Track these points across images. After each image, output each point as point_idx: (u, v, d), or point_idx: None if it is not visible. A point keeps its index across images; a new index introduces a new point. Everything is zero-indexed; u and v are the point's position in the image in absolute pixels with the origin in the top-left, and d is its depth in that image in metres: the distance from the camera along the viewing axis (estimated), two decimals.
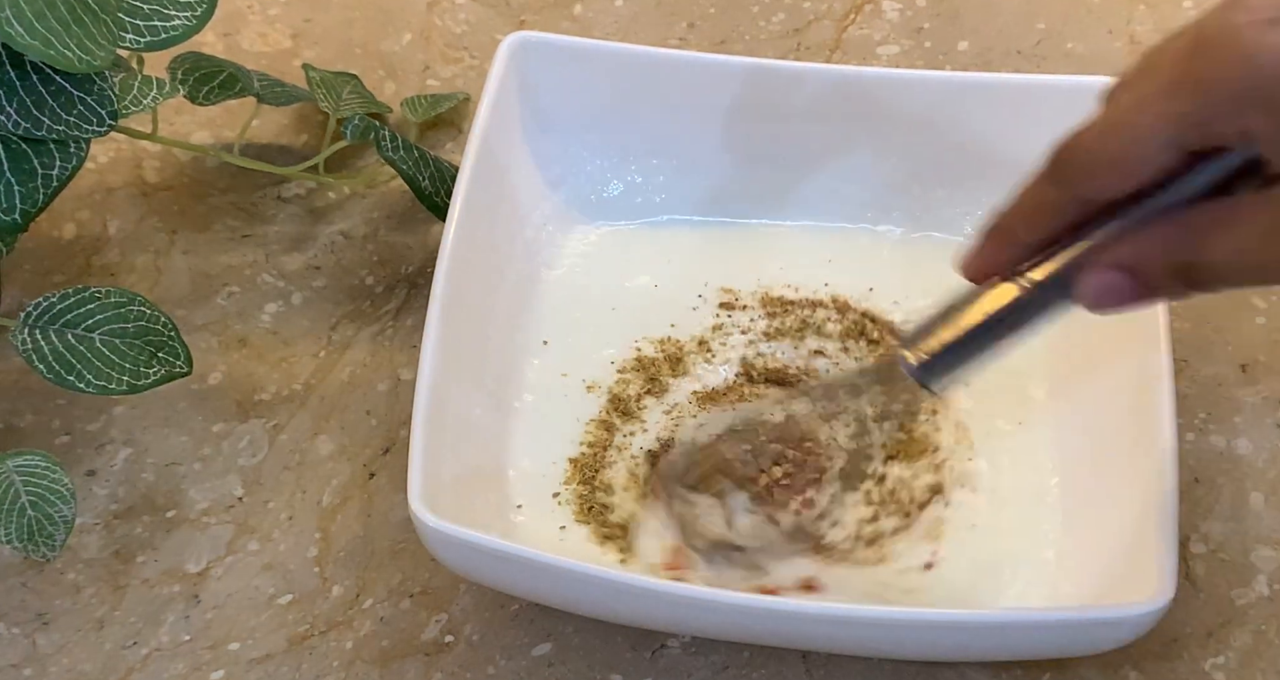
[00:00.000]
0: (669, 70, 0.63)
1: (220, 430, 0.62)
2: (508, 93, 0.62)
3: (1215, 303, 0.64)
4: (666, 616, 0.53)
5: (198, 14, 0.59)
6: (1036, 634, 0.50)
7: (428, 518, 0.50)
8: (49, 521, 0.56)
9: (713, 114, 0.64)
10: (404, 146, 0.65)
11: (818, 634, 0.52)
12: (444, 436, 0.54)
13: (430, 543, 0.52)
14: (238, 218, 0.69)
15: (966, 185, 0.63)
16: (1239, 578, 0.57)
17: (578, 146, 0.64)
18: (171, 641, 0.57)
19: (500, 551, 0.50)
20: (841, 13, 0.75)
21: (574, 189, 0.65)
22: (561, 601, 0.54)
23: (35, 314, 0.58)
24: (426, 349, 0.55)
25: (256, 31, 0.75)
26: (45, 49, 0.52)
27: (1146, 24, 0.73)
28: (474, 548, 0.51)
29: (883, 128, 0.63)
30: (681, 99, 0.63)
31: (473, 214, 0.59)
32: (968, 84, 0.63)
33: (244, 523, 0.60)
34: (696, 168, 0.65)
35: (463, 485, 0.55)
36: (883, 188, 0.64)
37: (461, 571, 0.54)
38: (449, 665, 0.56)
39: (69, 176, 0.57)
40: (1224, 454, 0.60)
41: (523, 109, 0.63)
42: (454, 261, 0.57)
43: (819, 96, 0.63)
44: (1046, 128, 0.60)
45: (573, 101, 0.63)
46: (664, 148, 0.65)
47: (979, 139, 0.63)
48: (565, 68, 0.63)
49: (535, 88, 0.63)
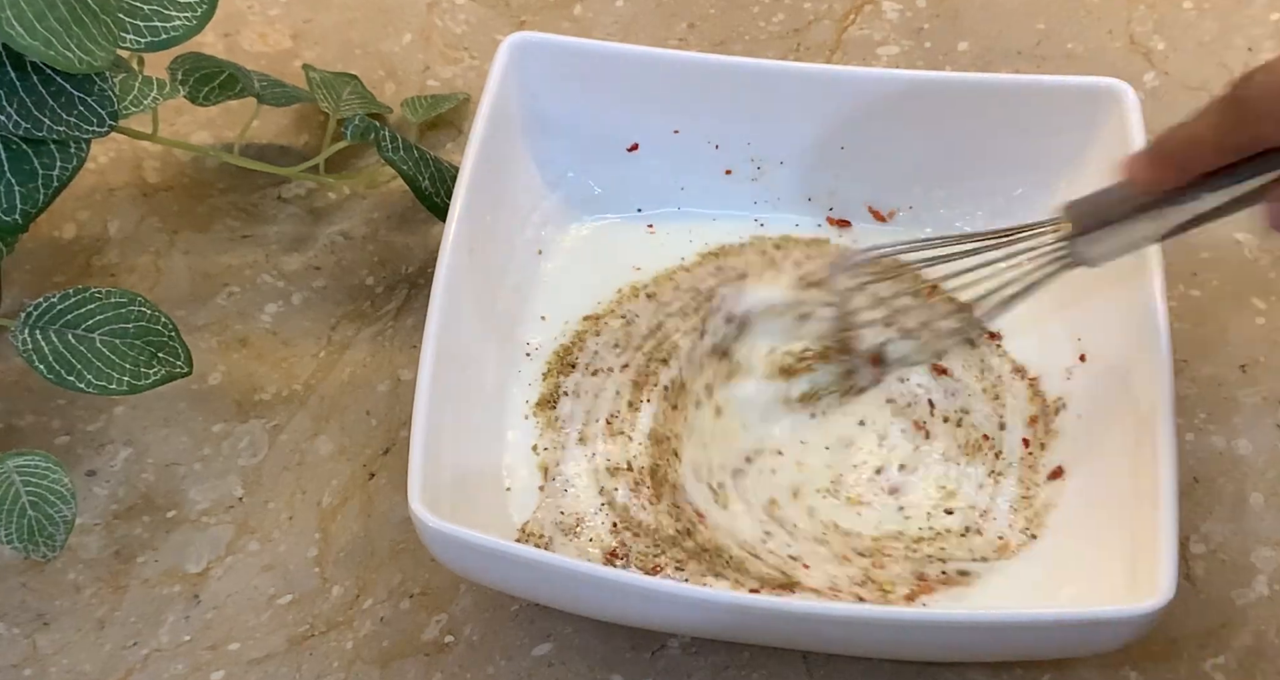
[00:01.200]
0: (666, 70, 0.63)
1: (220, 430, 0.62)
2: (507, 93, 0.62)
3: (1215, 303, 0.64)
4: (667, 616, 0.53)
5: (198, 14, 0.59)
6: (1036, 634, 0.50)
7: (428, 518, 0.50)
8: (49, 521, 0.56)
9: (710, 112, 0.64)
10: (404, 147, 0.65)
11: (817, 634, 0.52)
12: (444, 437, 0.54)
13: (430, 543, 0.52)
14: (238, 218, 0.69)
15: (966, 185, 0.64)
16: (1239, 578, 0.57)
17: (577, 145, 0.65)
18: (171, 642, 0.57)
19: (500, 552, 0.50)
20: (841, 13, 0.75)
21: (573, 187, 0.65)
22: (562, 602, 0.54)
23: (35, 314, 0.58)
24: (426, 350, 0.55)
25: (256, 32, 0.75)
26: (45, 50, 0.52)
27: (1146, 24, 0.73)
28: (474, 548, 0.51)
29: (881, 127, 0.63)
30: (678, 97, 0.63)
31: (473, 215, 0.59)
32: (963, 85, 0.63)
33: (244, 523, 0.60)
34: (695, 164, 0.65)
35: (462, 485, 0.55)
36: (883, 186, 0.65)
37: (461, 571, 0.54)
38: (449, 665, 0.56)
39: (69, 177, 0.57)
40: (1224, 454, 0.60)
41: (522, 109, 0.63)
42: (454, 262, 0.57)
43: (815, 96, 0.63)
44: (1043, 127, 0.62)
45: (572, 101, 0.64)
46: (663, 145, 0.65)
47: (974, 138, 0.63)
48: (564, 68, 0.63)
49: (534, 88, 0.63)
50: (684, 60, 0.64)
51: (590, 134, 0.64)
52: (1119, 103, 0.59)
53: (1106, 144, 0.59)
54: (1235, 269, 0.65)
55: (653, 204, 0.66)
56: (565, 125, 0.64)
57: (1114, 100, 0.60)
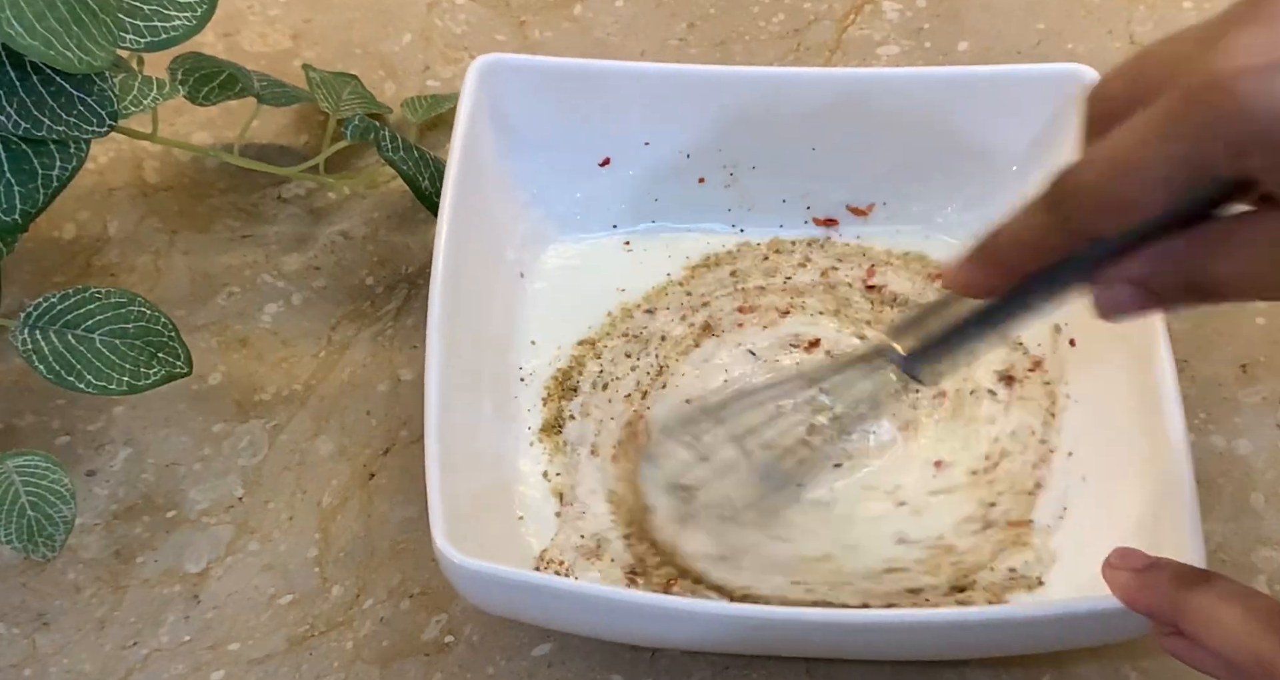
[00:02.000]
0: (632, 82, 0.63)
1: (220, 430, 0.62)
2: (479, 116, 0.61)
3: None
4: (720, 638, 0.52)
5: (198, 14, 0.59)
6: (1057, 625, 0.50)
7: (453, 555, 0.49)
8: (49, 521, 0.56)
9: (679, 121, 0.64)
10: (404, 147, 0.65)
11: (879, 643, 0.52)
12: (457, 471, 0.53)
13: (458, 580, 0.50)
14: (238, 218, 0.69)
15: (939, 177, 0.64)
16: (1239, 578, 0.57)
17: (550, 164, 0.64)
18: (171, 641, 0.57)
19: (542, 586, 0.50)
20: (841, 13, 0.75)
21: (549, 206, 0.65)
22: (604, 632, 0.54)
23: (35, 314, 0.58)
24: (430, 388, 0.54)
25: (256, 31, 0.75)
26: (45, 50, 0.52)
27: (1146, 24, 0.73)
28: (509, 584, 0.50)
29: (849, 126, 0.63)
30: (646, 109, 0.64)
31: (458, 242, 0.58)
32: (928, 79, 0.63)
33: (244, 523, 0.60)
34: (668, 175, 0.65)
35: (477, 517, 0.54)
36: (857, 184, 0.65)
37: (489, 607, 0.53)
38: (449, 665, 0.56)
39: (69, 177, 0.57)
40: (1224, 454, 0.60)
41: (495, 131, 0.63)
42: (445, 297, 0.56)
43: (782, 99, 0.63)
44: (1010, 115, 0.62)
45: (542, 120, 0.64)
46: (635, 158, 0.65)
47: (943, 131, 0.63)
48: (532, 87, 0.63)
49: (504, 109, 0.63)
50: (648, 71, 0.64)
51: (563, 152, 0.64)
52: (1084, 86, 0.60)
53: (1075, 127, 0.60)
54: None
55: (628, 220, 0.66)
56: (538, 144, 0.64)
57: (1078, 84, 0.60)
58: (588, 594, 0.50)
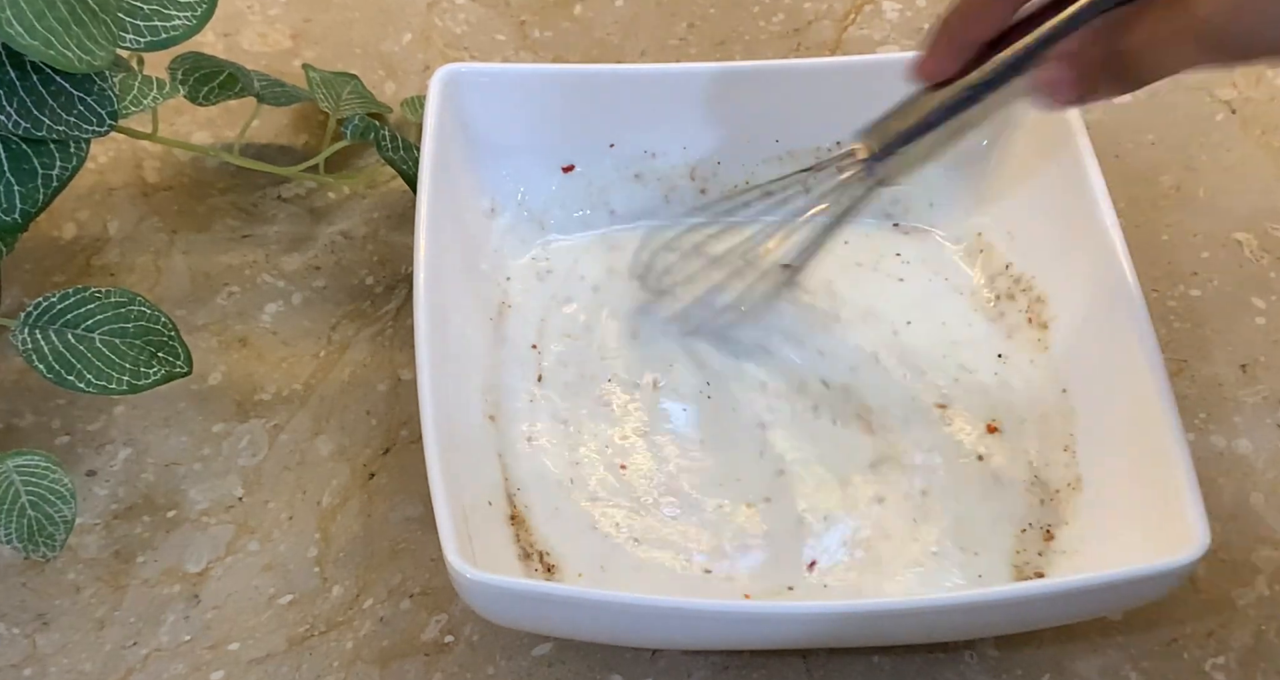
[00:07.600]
0: (592, 85, 0.63)
1: (220, 430, 0.62)
2: (445, 126, 0.61)
3: (1215, 303, 0.64)
4: (744, 635, 0.52)
5: (198, 14, 0.59)
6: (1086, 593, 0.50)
7: (466, 570, 0.49)
8: (49, 521, 0.56)
9: (641, 121, 0.64)
10: (404, 146, 0.65)
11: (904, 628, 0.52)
12: (461, 484, 0.53)
13: (472, 596, 0.50)
14: (238, 218, 0.69)
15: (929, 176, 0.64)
16: (1239, 578, 0.57)
17: (519, 170, 0.65)
18: (171, 641, 0.57)
19: (567, 597, 0.50)
20: (841, 13, 0.75)
21: (520, 212, 0.65)
22: (626, 637, 0.54)
23: (35, 314, 0.58)
24: (426, 416, 0.53)
25: (256, 31, 0.75)
26: (45, 49, 0.52)
27: None
28: (519, 595, 0.50)
29: (811, 113, 0.63)
30: (609, 111, 0.64)
31: (437, 255, 0.58)
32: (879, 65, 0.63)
33: (244, 523, 0.60)
34: (635, 175, 0.65)
35: (477, 524, 0.54)
36: (828, 190, 0.65)
37: (506, 621, 0.53)
38: (449, 665, 0.56)
39: (69, 176, 0.57)
40: (1224, 454, 0.60)
41: (462, 141, 0.62)
42: (430, 313, 0.56)
43: (741, 92, 0.63)
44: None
45: (508, 126, 0.64)
46: (600, 160, 0.65)
47: None
48: (496, 94, 0.63)
49: (469, 117, 0.63)
50: (606, 73, 0.64)
51: (530, 157, 0.64)
52: None
53: None
54: (1235, 269, 0.65)
55: (600, 222, 0.66)
56: (505, 151, 0.64)
57: None
58: (609, 602, 0.50)
